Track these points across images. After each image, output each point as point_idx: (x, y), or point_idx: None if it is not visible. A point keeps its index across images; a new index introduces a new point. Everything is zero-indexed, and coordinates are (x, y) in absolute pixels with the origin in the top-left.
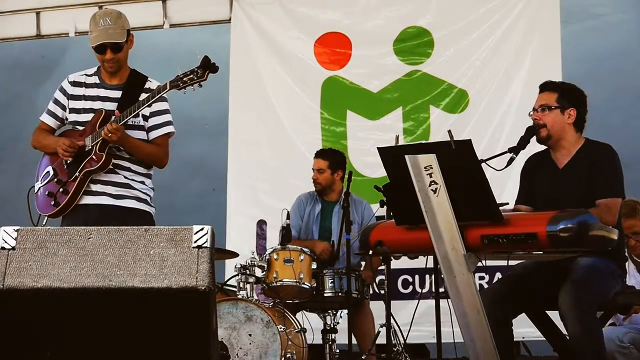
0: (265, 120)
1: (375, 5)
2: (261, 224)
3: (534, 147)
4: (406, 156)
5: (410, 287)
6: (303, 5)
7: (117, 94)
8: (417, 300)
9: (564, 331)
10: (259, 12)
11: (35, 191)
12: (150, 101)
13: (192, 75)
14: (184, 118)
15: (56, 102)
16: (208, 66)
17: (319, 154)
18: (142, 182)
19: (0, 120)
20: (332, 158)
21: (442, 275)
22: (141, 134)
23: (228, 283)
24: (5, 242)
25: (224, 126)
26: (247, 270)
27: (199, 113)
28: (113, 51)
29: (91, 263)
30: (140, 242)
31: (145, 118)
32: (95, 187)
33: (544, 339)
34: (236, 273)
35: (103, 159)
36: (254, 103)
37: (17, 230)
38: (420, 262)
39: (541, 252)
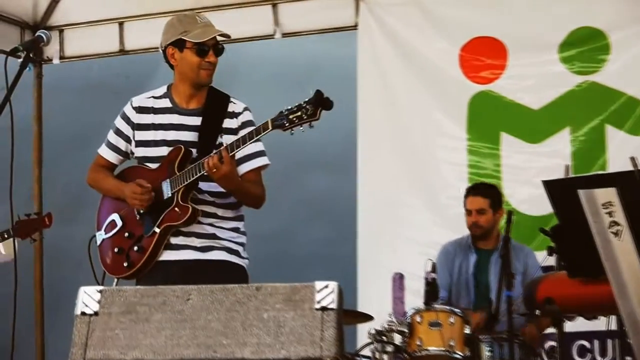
0: (401, 148)
1: (536, 2)
2: (399, 278)
3: None
4: (579, 191)
5: (589, 355)
6: (446, 5)
7: (196, 120)
8: None
9: None
10: (392, 15)
11: (98, 243)
12: (248, 142)
13: (299, 113)
14: (300, 149)
15: (118, 132)
16: (320, 102)
17: (477, 191)
18: (233, 230)
19: (75, 155)
20: (493, 195)
21: (629, 340)
22: None
23: (360, 353)
24: (86, 305)
25: (351, 158)
26: (384, 337)
27: (319, 142)
28: (216, 53)
29: (191, 330)
30: (250, 304)
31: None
32: (175, 240)
33: None
34: (370, 340)
35: (189, 212)
36: (387, 128)
37: (100, 291)
38: (600, 323)
39: None
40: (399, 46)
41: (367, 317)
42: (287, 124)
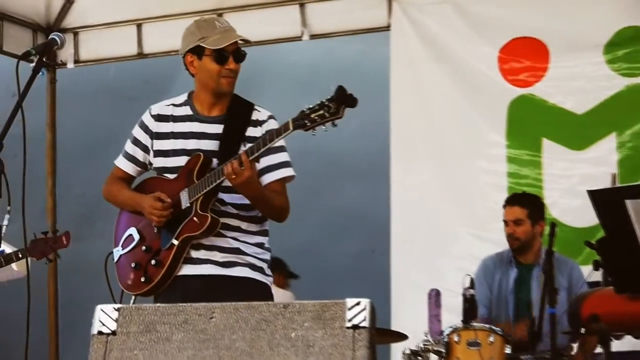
0: (436, 156)
1: (580, 1)
2: (435, 295)
3: None
4: (627, 201)
5: None
6: (484, 4)
7: (218, 128)
8: None
9: None
10: (426, 16)
11: (116, 260)
12: (268, 145)
13: (322, 111)
14: (330, 157)
15: (135, 142)
16: (343, 99)
17: (514, 200)
18: (258, 245)
19: (90, 164)
20: (531, 205)
21: None
22: None
23: None
24: (104, 324)
25: (384, 166)
26: (420, 357)
27: (351, 149)
28: (236, 59)
29: (215, 350)
30: (277, 322)
31: (256, 158)
32: (196, 254)
33: None
34: None
35: (209, 221)
36: (421, 134)
37: (118, 310)
38: None
39: None
40: (434, 48)
41: (402, 336)
42: (308, 124)
